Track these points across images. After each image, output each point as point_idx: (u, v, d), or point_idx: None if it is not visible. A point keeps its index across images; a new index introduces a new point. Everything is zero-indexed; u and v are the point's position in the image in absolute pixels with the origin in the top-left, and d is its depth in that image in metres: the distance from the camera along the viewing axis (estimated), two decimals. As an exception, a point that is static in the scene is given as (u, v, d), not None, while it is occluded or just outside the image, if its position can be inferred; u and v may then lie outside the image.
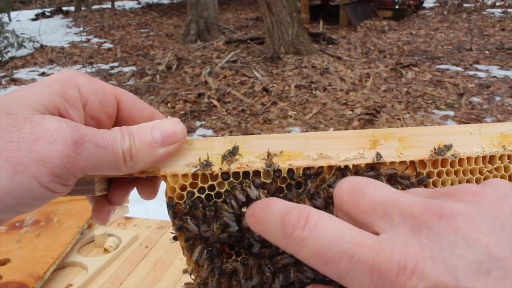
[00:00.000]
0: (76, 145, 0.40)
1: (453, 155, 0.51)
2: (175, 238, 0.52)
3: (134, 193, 0.54)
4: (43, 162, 0.38)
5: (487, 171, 0.52)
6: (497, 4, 12.21)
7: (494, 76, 6.00)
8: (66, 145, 0.39)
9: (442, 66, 6.56)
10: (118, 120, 0.50)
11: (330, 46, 7.98)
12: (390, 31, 9.51)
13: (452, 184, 0.52)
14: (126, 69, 7.16)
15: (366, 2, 10.89)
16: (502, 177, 0.53)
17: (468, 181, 0.53)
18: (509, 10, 11.19)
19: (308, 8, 10.51)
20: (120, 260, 1.14)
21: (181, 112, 5.08)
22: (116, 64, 7.67)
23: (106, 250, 1.17)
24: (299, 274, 0.49)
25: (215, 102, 5.34)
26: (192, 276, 0.53)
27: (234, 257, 0.52)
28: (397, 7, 11.27)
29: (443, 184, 0.52)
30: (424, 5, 12.93)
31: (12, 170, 0.37)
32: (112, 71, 7.12)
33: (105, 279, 1.07)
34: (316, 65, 6.51)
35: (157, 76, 6.38)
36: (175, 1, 16.01)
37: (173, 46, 8.65)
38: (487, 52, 7.37)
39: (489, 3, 12.27)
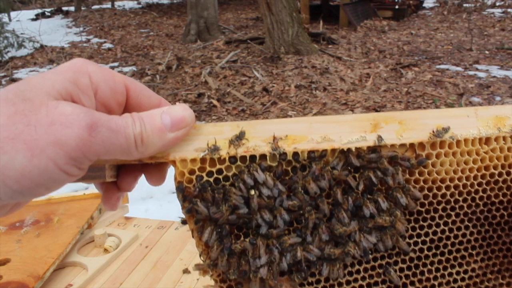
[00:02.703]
0: (91, 128, 0.41)
1: (451, 137, 0.53)
2: (183, 222, 0.54)
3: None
4: (59, 145, 0.40)
5: (484, 152, 0.55)
6: (497, 4, 12.22)
7: (494, 76, 6.01)
8: (81, 128, 0.41)
9: (442, 66, 6.58)
10: (127, 107, 0.52)
11: (330, 46, 7.99)
12: (390, 31, 9.52)
13: (450, 165, 0.54)
14: (126, 69, 7.17)
15: (366, 2, 10.90)
16: (497, 158, 0.55)
17: (465, 162, 0.55)
18: (509, 10, 11.21)
19: (308, 8, 10.52)
20: (120, 260, 1.14)
21: (182, 112, 5.08)
22: (116, 64, 7.68)
23: (106, 250, 1.17)
24: (306, 253, 0.51)
25: (215, 102, 5.35)
26: (202, 258, 0.54)
27: (242, 238, 0.54)
28: (397, 7, 11.27)
29: (441, 165, 0.54)
30: (424, 5, 12.94)
31: (30, 153, 0.39)
32: (113, 71, 7.12)
33: (105, 279, 1.07)
34: (316, 65, 6.53)
35: (157, 76, 6.39)
36: (175, 1, 16.01)
37: (173, 46, 8.66)
38: (487, 52, 7.38)
39: (489, 3, 12.27)
